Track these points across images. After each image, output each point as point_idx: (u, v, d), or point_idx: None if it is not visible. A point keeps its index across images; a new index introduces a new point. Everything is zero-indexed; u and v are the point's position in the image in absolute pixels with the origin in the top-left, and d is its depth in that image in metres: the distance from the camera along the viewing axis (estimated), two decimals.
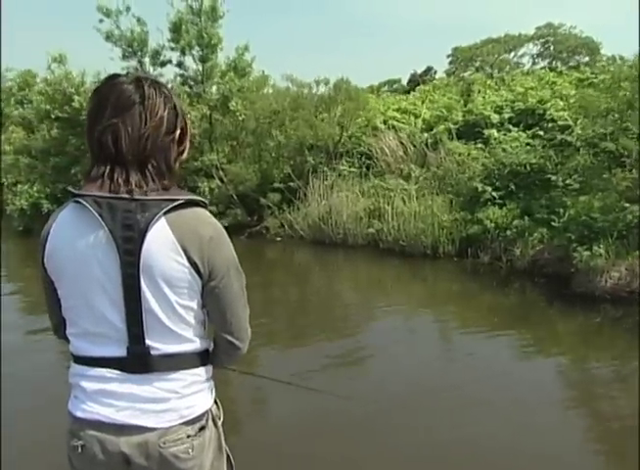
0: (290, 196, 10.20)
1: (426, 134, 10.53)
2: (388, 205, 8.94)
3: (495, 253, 7.60)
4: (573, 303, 6.07)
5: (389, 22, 67.55)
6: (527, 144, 8.95)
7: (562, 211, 7.14)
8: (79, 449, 1.27)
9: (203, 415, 1.31)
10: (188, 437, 1.27)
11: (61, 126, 10.67)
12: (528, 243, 7.13)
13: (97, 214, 1.17)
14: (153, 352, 1.24)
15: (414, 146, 10.40)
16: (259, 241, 10.11)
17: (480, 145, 9.64)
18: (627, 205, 6.52)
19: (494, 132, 9.61)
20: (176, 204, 1.19)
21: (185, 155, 1.32)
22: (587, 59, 22.74)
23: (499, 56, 25.98)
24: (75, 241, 1.22)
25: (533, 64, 25.29)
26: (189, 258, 1.19)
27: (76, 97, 9.79)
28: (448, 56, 28.89)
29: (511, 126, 9.88)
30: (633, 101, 6.58)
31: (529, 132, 9.36)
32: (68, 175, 10.81)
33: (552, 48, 25.88)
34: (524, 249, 7.18)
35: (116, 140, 1.18)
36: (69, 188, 1.23)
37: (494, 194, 7.93)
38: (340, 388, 4.09)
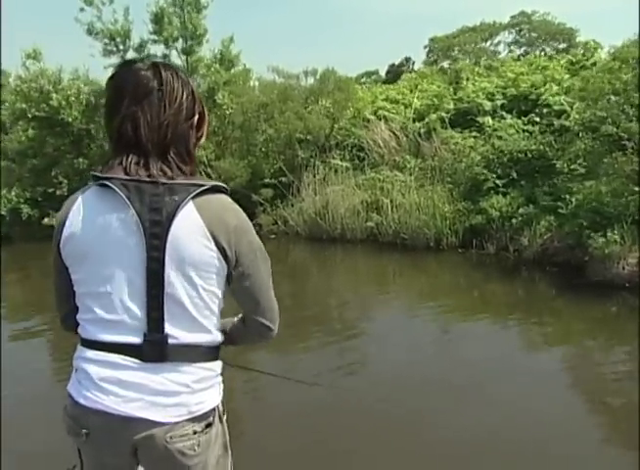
0: (282, 191, 9.80)
1: (418, 124, 10.21)
2: (386, 197, 8.61)
3: (501, 243, 7.34)
4: (588, 291, 5.83)
5: (361, 15, 67.07)
6: (524, 130, 8.71)
7: (568, 197, 6.91)
8: (84, 437, 1.25)
9: (210, 412, 1.27)
10: (195, 433, 1.24)
11: (38, 126, 10.04)
12: (536, 231, 6.88)
13: (124, 196, 1.14)
14: (170, 341, 1.20)
15: (407, 136, 10.07)
16: None
17: (474, 133, 9.37)
18: (637, 188, 6.30)
19: (489, 119, 9.34)
20: (203, 188, 1.17)
21: (203, 139, 1.30)
22: (564, 45, 22.72)
23: (476, 44, 25.80)
24: (99, 223, 1.19)
25: (509, 52, 25.19)
26: (217, 244, 1.17)
27: (54, 95, 9.19)
28: (425, 46, 28.64)
29: (504, 113, 9.63)
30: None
31: (525, 119, 9.11)
32: (48, 177, 10.21)
33: (527, 35, 25.82)
34: (531, 237, 6.93)
35: (136, 129, 1.17)
36: (93, 172, 1.20)
37: (497, 182, 7.65)
38: (340, 383, 3.95)
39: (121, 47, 9.47)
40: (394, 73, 28.58)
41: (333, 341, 5.05)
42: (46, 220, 9.59)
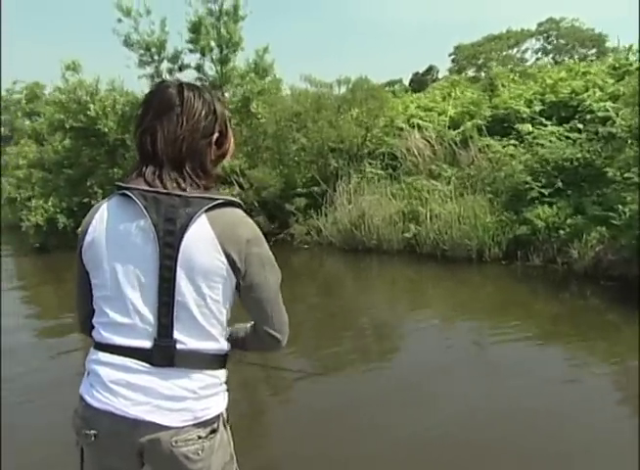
0: (315, 201, 9.51)
1: (453, 132, 9.83)
2: (424, 207, 8.25)
3: (548, 254, 6.91)
4: None
5: (383, 24, 66.84)
6: (567, 138, 8.26)
7: (620, 207, 6.46)
8: (92, 438, 1.27)
9: (215, 418, 1.29)
10: (199, 438, 1.25)
11: (74, 136, 9.97)
12: (587, 243, 6.44)
13: (142, 206, 1.20)
14: (178, 347, 1.23)
15: (442, 145, 9.70)
16: (286, 249, 9.41)
17: (512, 141, 8.95)
18: None
19: (529, 127, 8.91)
20: (217, 203, 1.21)
21: (227, 158, 1.35)
22: (593, 51, 22.05)
23: (502, 52, 25.25)
24: (118, 230, 1.24)
25: (537, 59, 24.59)
26: (227, 256, 1.21)
27: (92, 105, 9.10)
28: (450, 54, 28.19)
29: (544, 120, 9.19)
30: None
31: (567, 126, 8.66)
32: (84, 187, 10.12)
33: (555, 42, 25.17)
34: (581, 249, 6.49)
35: (154, 142, 1.22)
36: (117, 182, 1.26)
37: (543, 191, 7.22)
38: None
39: (156, 57, 9.36)
40: (418, 82, 28.22)
41: (370, 368, 4.70)
42: None
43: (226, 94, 10.06)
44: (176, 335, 1.22)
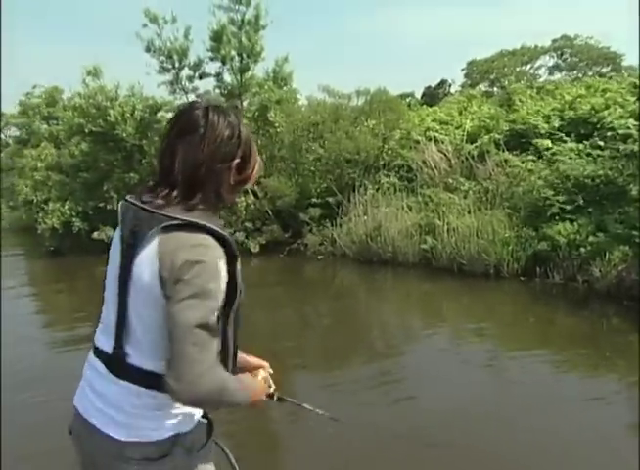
0: (331, 211, 9.39)
1: (470, 145, 9.68)
2: (441, 220, 8.09)
3: (568, 272, 6.72)
4: None
5: (393, 37, 67.05)
6: (588, 154, 8.09)
7: None
8: (70, 432, 1.32)
9: (166, 442, 1.21)
10: (145, 460, 1.19)
11: (92, 141, 9.92)
12: (609, 261, 6.25)
13: (120, 217, 1.26)
14: (128, 360, 1.21)
15: (458, 158, 9.56)
16: (299, 259, 9.28)
17: (530, 156, 8.80)
18: None
19: (548, 143, 8.75)
20: (174, 223, 1.16)
21: (249, 184, 1.32)
22: (608, 69, 21.88)
23: (515, 68, 25.14)
24: (115, 238, 1.29)
25: (550, 75, 24.47)
26: (161, 279, 1.14)
27: (111, 110, 9.05)
28: (463, 69, 28.13)
29: (563, 136, 9.03)
30: None
31: (587, 142, 8.49)
32: (100, 192, 10.05)
33: (569, 59, 25.03)
34: (603, 268, 6.30)
35: (172, 162, 1.21)
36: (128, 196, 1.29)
37: (565, 207, 7.05)
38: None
39: (177, 64, 9.31)
40: (431, 96, 28.11)
41: (379, 382, 4.55)
42: (95, 234, 9.39)
43: (244, 102, 9.99)
44: (127, 348, 1.21)
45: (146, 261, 1.15)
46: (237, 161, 1.24)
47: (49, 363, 5.03)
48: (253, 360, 1.56)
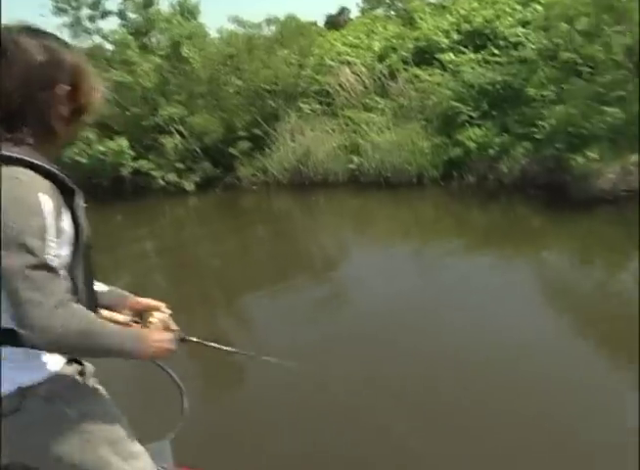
0: (259, 142, 9.36)
1: (380, 65, 9.87)
2: (363, 139, 8.39)
3: (480, 172, 7.35)
4: (571, 208, 5.97)
5: None
6: (487, 62, 8.58)
7: (541, 123, 6.93)
8: None
9: (14, 394, 1.10)
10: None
11: None
12: (514, 158, 6.91)
13: None
14: None
15: (372, 78, 9.74)
16: (235, 192, 9.30)
17: (437, 70, 9.17)
18: (605, 108, 6.37)
19: (450, 55, 9.13)
20: None
21: (87, 115, 1.16)
22: None
23: None
24: None
25: None
26: None
27: None
28: None
29: (462, 48, 9.43)
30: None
31: (484, 52, 8.96)
32: None
33: None
34: (510, 163, 6.96)
35: None
36: None
37: (472, 114, 7.56)
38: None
39: (74, 4, 8.46)
40: (332, 24, 27.45)
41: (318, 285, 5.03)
42: None
43: (152, 39, 9.39)
44: None
45: None
46: (64, 88, 1.10)
47: None
48: (146, 301, 1.38)
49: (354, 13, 26.51)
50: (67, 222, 1.10)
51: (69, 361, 1.20)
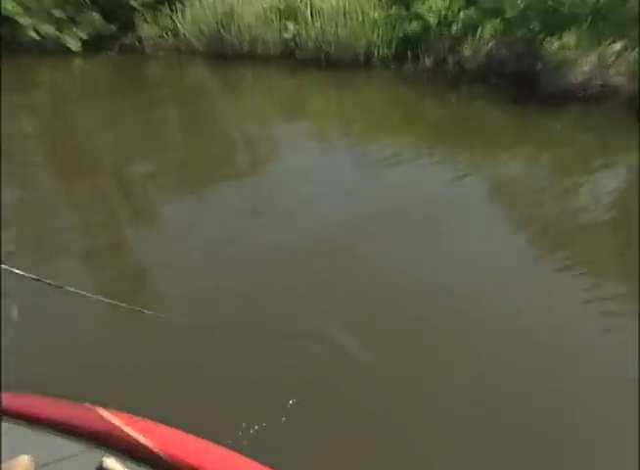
0: None
1: None
2: (301, 1, 6.73)
3: (439, 54, 6.21)
4: (538, 105, 5.16)
5: None
6: None
7: None
8: None
9: None
10: None
11: None
12: (480, 39, 5.82)
13: None
14: None
15: None
16: (136, 58, 7.35)
17: None
18: None
19: None
20: None
21: None
22: None
23: None
24: None
25: None
26: None
27: None
28: None
29: None
30: None
31: None
32: None
33: None
34: (474, 46, 5.88)
35: None
36: None
37: None
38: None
39: None
40: None
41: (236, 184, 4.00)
42: None
43: None
44: None
45: None
46: None
47: None
48: None
49: None
50: None
51: None
